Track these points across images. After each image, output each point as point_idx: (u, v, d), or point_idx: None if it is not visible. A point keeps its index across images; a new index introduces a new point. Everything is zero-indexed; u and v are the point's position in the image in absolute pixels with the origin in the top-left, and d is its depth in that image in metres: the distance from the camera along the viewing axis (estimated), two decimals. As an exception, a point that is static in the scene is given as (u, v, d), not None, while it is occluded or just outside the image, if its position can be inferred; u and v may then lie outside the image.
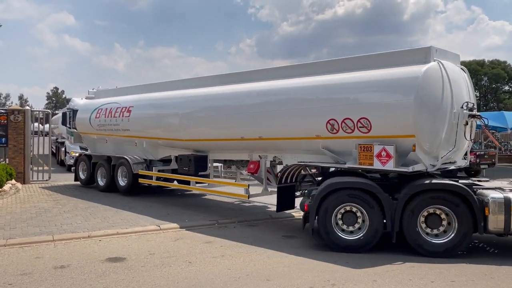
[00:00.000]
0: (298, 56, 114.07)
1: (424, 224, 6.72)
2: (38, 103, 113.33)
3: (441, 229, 6.68)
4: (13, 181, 13.70)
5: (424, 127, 6.87)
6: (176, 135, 10.87)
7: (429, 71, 6.90)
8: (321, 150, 7.94)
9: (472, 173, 17.92)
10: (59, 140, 23.23)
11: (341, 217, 7.03)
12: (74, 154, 18.42)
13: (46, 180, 15.82)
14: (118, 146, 13.20)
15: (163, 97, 11.51)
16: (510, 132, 22.04)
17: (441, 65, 7.10)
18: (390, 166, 6.92)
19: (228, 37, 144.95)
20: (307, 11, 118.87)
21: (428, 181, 6.75)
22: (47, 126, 18.46)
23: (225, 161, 11.59)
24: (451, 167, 7.59)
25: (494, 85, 51.83)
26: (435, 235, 6.71)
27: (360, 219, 6.98)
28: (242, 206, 11.21)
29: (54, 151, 25.53)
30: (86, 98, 18.50)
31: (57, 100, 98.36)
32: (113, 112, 12.82)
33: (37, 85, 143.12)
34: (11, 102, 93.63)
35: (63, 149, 21.23)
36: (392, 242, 6.80)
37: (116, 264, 6.19)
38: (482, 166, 18.52)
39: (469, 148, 7.84)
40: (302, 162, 8.40)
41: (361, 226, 6.97)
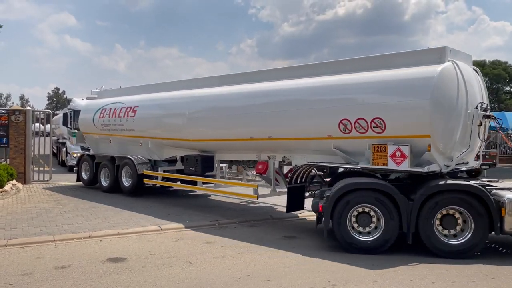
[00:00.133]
0: (299, 57, 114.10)
1: (440, 226, 6.68)
2: (39, 104, 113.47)
3: (457, 229, 6.64)
4: (14, 182, 13.73)
5: (440, 127, 6.83)
6: (183, 135, 10.81)
7: (445, 71, 6.87)
8: (333, 151, 7.88)
9: (473, 174, 17.87)
10: (60, 141, 23.19)
11: (355, 219, 6.95)
12: (75, 155, 18.43)
13: (47, 181, 15.83)
14: (122, 146, 13.16)
15: (170, 97, 11.45)
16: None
17: (456, 65, 7.08)
18: (405, 166, 6.86)
19: (229, 38, 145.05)
20: (308, 12, 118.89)
21: (443, 182, 6.69)
22: (48, 127, 18.47)
23: (231, 162, 11.53)
24: (463, 168, 7.55)
25: (495, 86, 51.68)
26: (451, 236, 6.66)
27: (375, 220, 6.90)
28: (243, 207, 11.21)
29: (55, 152, 25.54)
30: (88, 98, 18.52)
31: (58, 101, 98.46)
32: (118, 112, 12.76)
33: (38, 86, 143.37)
34: (12, 103, 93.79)
35: (64, 150, 21.19)
36: (395, 243, 6.77)
37: (117, 265, 6.20)
38: (483, 167, 18.46)
39: (482, 149, 7.78)
40: (314, 162, 8.31)
41: (376, 227, 6.89)
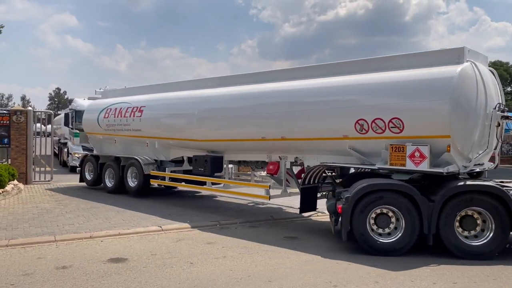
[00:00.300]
0: (300, 57, 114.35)
1: (460, 228, 6.65)
2: (40, 104, 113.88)
3: (477, 230, 6.63)
4: (15, 182, 13.74)
5: (459, 128, 6.80)
6: (192, 136, 10.69)
7: (464, 72, 6.84)
8: (347, 151, 7.81)
9: (474, 175, 17.77)
10: (62, 141, 23.17)
11: (374, 220, 6.90)
12: (77, 155, 18.42)
13: (48, 181, 15.85)
14: (127, 147, 13.05)
15: (178, 97, 11.32)
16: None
17: (474, 66, 7.05)
18: (424, 167, 6.82)
19: (230, 38, 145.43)
20: (309, 12, 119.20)
21: (463, 183, 6.67)
22: (49, 127, 18.45)
23: (239, 162, 11.44)
24: (477, 169, 7.51)
25: (497, 86, 51.62)
26: (472, 237, 6.64)
27: (393, 221, 6.85)
28: (244, 207, 11.20)
29: (57, 152, 25.54)
30: (90, 98, 18.52)
31: (59, 101, 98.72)
32: (124, 112, 12.63)
33: (39, 86, 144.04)
34: (14, 103, 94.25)
35: (66, 150, 21.15)
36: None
37: (118, 265, 6.20)
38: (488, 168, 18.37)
39: (497, 150, 7.71)
40: (329, 163, 8.24)
41: (396, 228, 6.83)
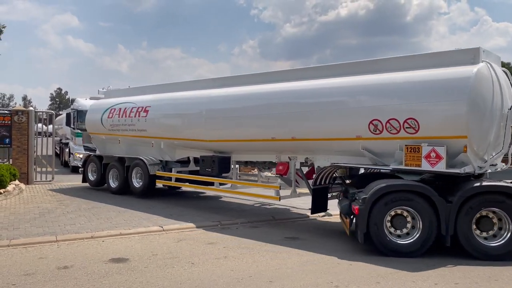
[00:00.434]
0: (301, 58, 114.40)
1: (478, 230, 6.64)
2: (42, 104, 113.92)
3: (495, 229, 6.62)
4: (17, 182, 13.77)
5: (476, 128, 6.78)
6: (199, 136, 10.59)
7: (480, 72, 6.82)
8: (360, 151, 7.77)
9: (475, 175, 17.70)
10: (63, 141, 23.18)
11: (390, 221, 6.84)
12: (78, 155, 18.42)
13: (50, 181, 15.87)
14: (131, 147, 12.95)
15: (185, 97, 11.21)
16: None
17: (490, 66, 7.04)
18: (440, 168, 6.79)
19: (231, 39, 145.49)
20: (310, 13, 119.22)
21: (479, 184, 6.65)
22: (51, 127, 18.49)
23: (246, 163, 11.35)
24: (489, 170, 7.50)
25: (498, 87, 51.53)
26: (491, 237, 6.62)
27: (410, 223, 6.80)
28: (245, 207, 11.20)
29: (58, 152, 25.56)
30: (91, 98, 18.51)
31: (61, 101, 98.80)
32: (128, 112, 12.53)
33: (41, 86, 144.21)
34: (15, 103, 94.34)
35: (67, 150, 21.16)
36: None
37: (119, 265, 6.20)
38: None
39: (511, 151, 7.68)
40: (342, 164, 8.20)
41: (412, 229, 6.80)
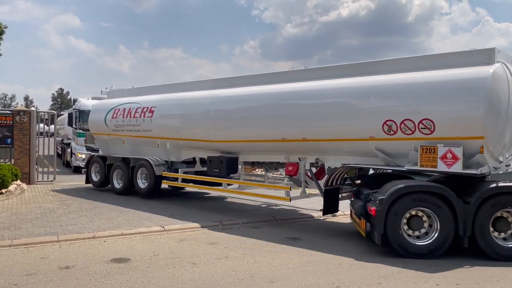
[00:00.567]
0: (302, 58, 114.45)
1: (495, 232, 6.64)
2: (44, 104, 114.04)
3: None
4: (19, 182, 13.78)
5: (492, 129, 6.77)
6: (207, 137, 10.49)
7: (496, 73, 6.79)
8: (372, 152, 7.73)
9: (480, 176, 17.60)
10: (65, 141, 23.20)
11: (406, 222, 6.77)
12: (80, 155, 18.43)
13: (51, 181, 15.89)
14: (136, 147, 12.88)
15: (192, 97, 11.08)
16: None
17: (505, 67, 7.02)
18: (457, 168, 6.76)
19: (232, 39, 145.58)
20: (311, 13, 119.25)
21: (495, 185, 6.64)
22: (53, 127, 18.52)
23: (253, 163, 11.30)
24: (501, 171, 7.49)
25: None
26: (508, 238, 6.64)
27: (427, 224, 6.77)
28: (247, 207, 11.20)
29: (60, 152, 25.58)
30: (93, 98, 18.52)
31: (62, 101, 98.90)
32: (133, 113, 12.44)
33: (42, 86, 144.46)
34: (17, 103, 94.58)
35: (69, 150, 21.17)
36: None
37: (121, 265, 6.21)
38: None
39: None
40: (353, 164, 8.17)
41: (428, 231, 6.76)
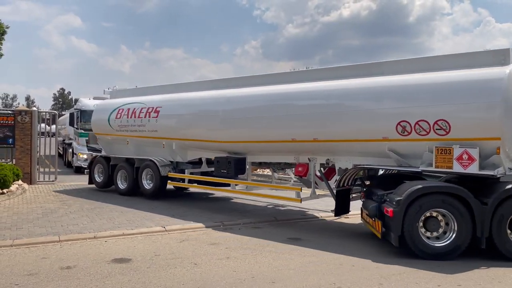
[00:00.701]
0: (303, 58, 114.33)
1: (511, 232, 6.63)
2: (45, 104, 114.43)
3: None
4: (20, 182, 13.79)
5: (509, 130, 6.74)
6: (214, 137, 10.39)
7: None
8: (385, 153, 7.70)
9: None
10: (66, 141, 23.19)
11: (423, 224, 6.75)
12: (82, 156, 18.44)
13: (53, 181, 15.89)
14: (140, 148, 12.78)
15: (199, 98, 11.00)
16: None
17: None
18: (473, 170, 6.72)
19: (234, 39, 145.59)
20: (313, 13, 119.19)
21: (511, 186, 6.60)
22: (54, 127, 18.54)
23: (260, 164, 11.23)
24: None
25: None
26: None
27: (443, 225, 6.76)
28: (248, 208, 11.20)
29: (61, 152, 25.58)
30: (95, 98, 18.50)
31: (64, 101, 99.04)
32: (138, 113, 12.34)
33: (44, 86, 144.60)
34: (18, 103, 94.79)
35: (71, 150, 21.16)
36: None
37: (122, 265, 6.21)
38: None
39: None
40: (366, 165, 8.14)
41: (445, 232, 6.74)
